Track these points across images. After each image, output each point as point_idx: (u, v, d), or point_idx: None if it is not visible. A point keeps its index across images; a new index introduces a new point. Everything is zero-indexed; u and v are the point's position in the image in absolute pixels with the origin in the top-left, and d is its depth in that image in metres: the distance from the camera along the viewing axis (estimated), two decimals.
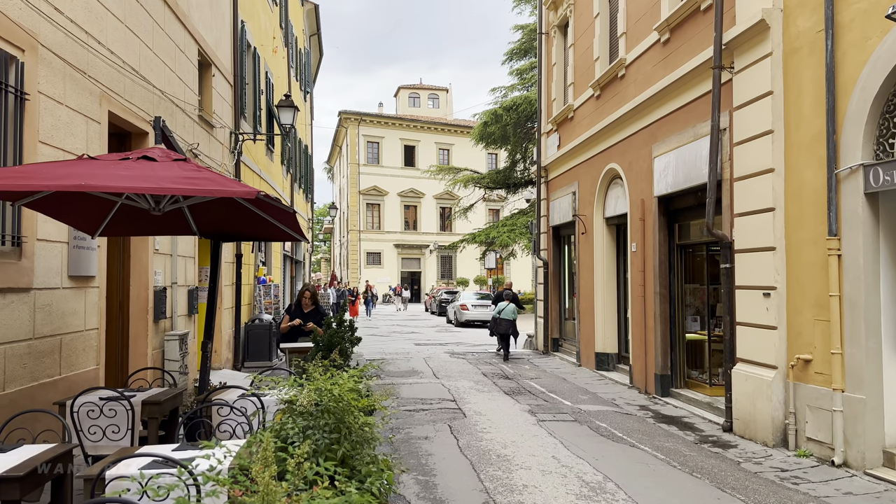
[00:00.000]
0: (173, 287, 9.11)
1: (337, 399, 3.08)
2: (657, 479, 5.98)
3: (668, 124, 9.76)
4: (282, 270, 20.44)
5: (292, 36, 21.80)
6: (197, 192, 4.16)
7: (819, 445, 6.59)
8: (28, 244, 5.43)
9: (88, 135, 6.50)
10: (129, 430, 4.83)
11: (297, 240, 6.05)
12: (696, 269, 10.03)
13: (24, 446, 3.59)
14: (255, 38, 14.79)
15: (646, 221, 10.45)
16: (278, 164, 18.71)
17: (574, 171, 14.24)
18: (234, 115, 12.83)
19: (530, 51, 26.83)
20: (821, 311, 6.63)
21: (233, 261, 12.52)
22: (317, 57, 31.94)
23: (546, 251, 16.23)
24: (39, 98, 5.57)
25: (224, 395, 5.23)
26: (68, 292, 6.13)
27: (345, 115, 51.18)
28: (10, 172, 4.08)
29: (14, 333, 5.26)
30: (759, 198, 7.41)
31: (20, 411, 4.32)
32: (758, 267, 7.43)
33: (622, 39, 11.53)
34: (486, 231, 31.05)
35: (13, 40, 5.17)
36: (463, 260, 49.49)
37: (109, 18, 6.96)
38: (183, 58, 9.52)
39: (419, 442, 7.22)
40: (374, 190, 50.78)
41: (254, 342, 13.17)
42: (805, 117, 6.88)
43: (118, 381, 7.50)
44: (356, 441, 3.02)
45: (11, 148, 5.21)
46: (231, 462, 2.73)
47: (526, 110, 25.03)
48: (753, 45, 7.56)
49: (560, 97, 15.42)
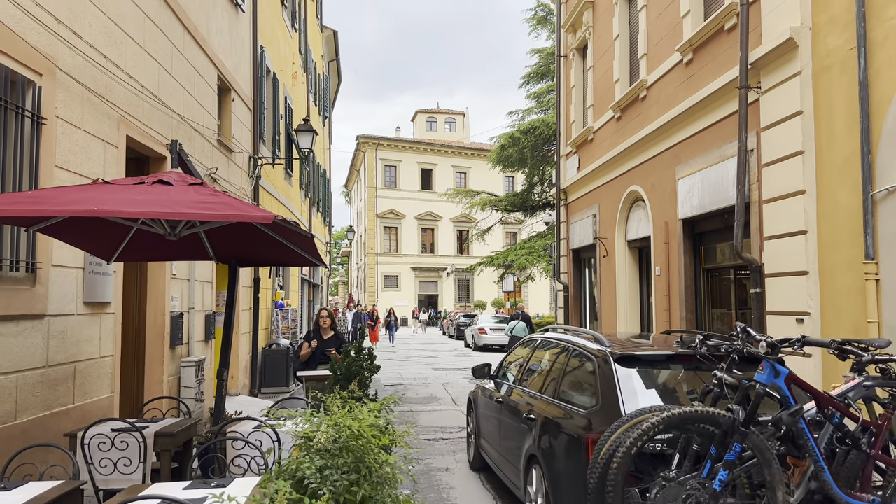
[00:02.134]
0: (190, 312, 9.00)
1: (356, 436, 2.90)
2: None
3: (692, 145, 9.57)
4: (299, 294, 20.36)
5: (311, 61, 21.96)
6: (212, 216, 4.05)
7: None
8: (43, 270, 5.34)
9: (106, 159, 6.44)
10: (141, 462, 4.67)
11: (315, 264, 5.92)
12: (724, 294, 9.77)
13: (30, 483, 3.44)
14: (274, 64, 14.85)
15: (670, 244, 10.22)
16: (297, 188, 18.71)
17: (594, 193, 14.06)
18: (253, 140, 12.83)
19: (547, 74, 26.82)
20: (858, 338, 6.35)
21: (250, 285, 12.44)
22: (335, 82, 32.19)
23: (566, 274, 16.00)
24: (57, 122, 5.51)
25: (239, 426, 5.07)
26: (83, 318, 6.03)
27: (362, 140, 51.50)
28: (23, 198, 3.99)
29: (27, 361, 5.15)
30: (789, 220, 7.18)
31: (28, 445, 4.18)
32: (790, 292, 7.17)
33: (643, 61, 11.40)
34: (504, 254, 30.80)
35: (31, 65, 5.12)
36: (480, 283, 49.29)
37: (129, 43, 6.95)
38: (202, 82, 9.51)
39: (440, 474, 6.99)
40: (391, 213, 50.88)
41: (271, 367, 13.03)
42: (837, 137, 6.67)
43: (133, 409, 7.37)
44: (377, 482, 2.84)
45: (28, 172, 5.14)
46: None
47: (543, 133, 24.94)
48: (781, 64, 7.38)
49: (579, 119, 15.30)
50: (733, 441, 3.69)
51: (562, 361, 5.42)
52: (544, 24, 26.85)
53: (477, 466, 7.11)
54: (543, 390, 5.40)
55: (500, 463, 6.07)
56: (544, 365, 5.88)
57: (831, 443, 3.99)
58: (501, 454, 6.00)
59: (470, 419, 7.56)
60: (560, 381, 5.21)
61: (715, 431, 3.76)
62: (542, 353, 6.16)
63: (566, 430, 4.50)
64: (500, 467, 6.12)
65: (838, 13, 6.69)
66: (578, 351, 5.17)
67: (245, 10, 12.23)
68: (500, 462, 6.06)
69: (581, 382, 4.93)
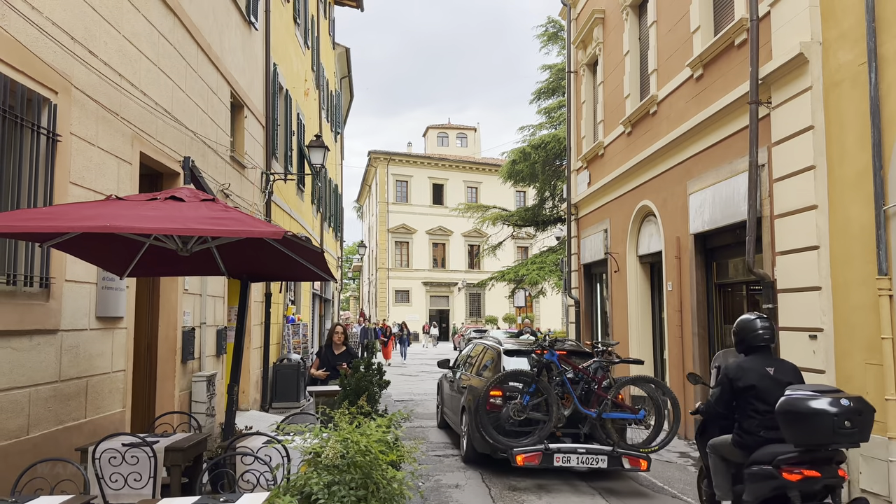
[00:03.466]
0: (202, 327, 9.04)
1: (364, 452, 2.90)
2: None
3: (703, 160, 9.56)
4: (311, 309, 20.40)
5: (324, 78, 22.15)
6: (224, 232, 4.08)
7: (875, 498, 6.18)
8: (56, 285, 5.39)
9: (120, 175, 6.51)
10: (152, 477, 4.68)
11: (325, 279, 5.95)
12: (736, 309, 9.69)
13: (41, 498, 3.45)
14: (287, 81, 14.99)
15: (682, 259, 10.17)
16: (308, 204, 18.82)
17: (605, 208, 14.04)
18: (266, 156, 12.93)
19: (558, 90, 26.89)
20: (872, 354, 6.29)
21: (262, 300, 12.48)
22: (347, 99, 32.42)
23: (577, 289, 15.95)
24: (71, 139, 5.59)
25: (249, 441, 5.07)
26: (96, 333, 6.07)
27: (374, 155, 51.75)
28: (37, 214, 4.05)
29: (40, 376, 5.19)
30: (801, 235, 7.14)
31: (40, 459, 4.20)
32: (802, 307, 7.12)
33: (653, 76, 11.42)
34: (515, 269, 30.72)
35: (47, 83, 5.21)
36: (491, 298, 49.18)
37: (143, 61, 7.05)
38: (215, 99, 9.62)
39: (449, 490, 6.95)
40: (402, 228, 50.98)
41: (282, 382, 13.03)
42: (849, 152, 6.64)
43: (144, 424, 7.39)
44: (384, 498, 2.83)
45: (42, 188, 5.21)
46: None
47: (554, 148, 24.97)
48: (792, 79, 7.37)
49: (590, 134, 15.32)
50: (532, 384, 7.37)
51: (482, 354, 9.39)
52: (555, 41, 26.97)
53: (441, 425, 10.94)
54: (472, 371, 9.30)
55: (450, 417, 9.97)
56: (475, 358, 9.69)
57: (582, 388, 7.58)
58: (451, 411, 9.83)
59: (438, 396, 11.42)
60: (480, 366, 9.12)
61: (527, 380, 7.44)
62: (475, 351, 9.92)
63: (478, 390, 7.87)
64: (450, 420, 9.98)
65: (848, 28, 6.69)
66: (490, 348, 9.17)
67: (258, 28, 12.37)
68: (450, 416, 9.95)
69: (488, 365, 8.77)
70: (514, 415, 7.23)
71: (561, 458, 7.00)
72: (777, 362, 5.07)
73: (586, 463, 7.06)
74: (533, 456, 6.97)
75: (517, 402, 7.26)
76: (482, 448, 7.82)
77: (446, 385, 10.43)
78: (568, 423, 7.39)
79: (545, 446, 6.99)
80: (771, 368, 4.89)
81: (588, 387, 7.53)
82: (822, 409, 4.18)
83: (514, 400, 7.33)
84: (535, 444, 7.03)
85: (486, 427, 7.22)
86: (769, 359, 5.00)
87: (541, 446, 6.99)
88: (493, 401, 7.47)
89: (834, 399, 4.21)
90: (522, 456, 6.97)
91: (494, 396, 7.49)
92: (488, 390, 7.41)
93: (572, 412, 7.34)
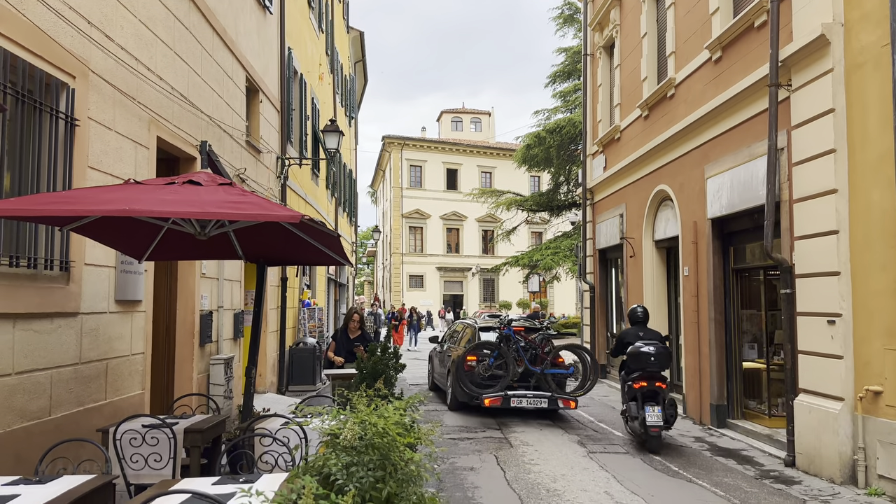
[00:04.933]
0: (219, 311, 9.12)
1: (382, 434, 2.92)
2: None
3: (721, 144, 9.46)
4: (326, 294, 20.51)
5: (338, 62, 22.10)
6: (241, 216, 4.10)
7: (892, 484, 6.16)
8: (76, 269, 5.45)
9: (137, 160, 6.55)
10: (171, 458, 4.75)
11: (342, 264, 5.97)
12: (753, 295, 9.64)
13: (64, 477, 3.51)
14: (301, 65, 14.98)
15: (698, 244, 10.10)
16: (323, 189, 18.85)
17: (621, 192, 13.95)
18: (281, 141, 12.95)
19: (573, 73, 26.65)
20: (891, 339, 6.24)
21: (278, 284, 12.56)
22: (361, 83, 32.33)
23: (592, 275, 15.91)
24: (89, 124, 5.63)
25: (267, 423, 5.12)
26: (115, 317, 6.14)
27: (388, 140, 51.66)
28: (57, 198, 4.08)
29: (61, 358, 5.26)
30: (821, 220, 7.06)
31: (63, 439, 4.27)
32: (821, 292, 7.06)
33: (671, 59, 11.29)
34: (529, 254, 30.64)
35: (65, 67, 5.24)
36: (505, 283, 49.13)
37: (159, 45, 7.06)
38: (231, 84, 9.63)
39: (464, 473, 6.99)
40: (416, 213, 50.95)
41: (298, 366, 13.14)
42: (870, 135, 6.55)
43: (163, 406, 7.49)
44: (402, 479, 2.85)
45: (61, 173, 5.26)
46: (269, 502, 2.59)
47: (570, 132, 24.79)
48: (812, 61, 7.26)
49: (606, 118, 15.20)
50: (496, 351, 9.91)
51: (463, 331, 12.36)
52: (571, 23, 26.71)
53: (431, 387, 13.26)
54: (455, 343, 12.06)
55: (438, 378, 12.57)
56: (457, 334, 12.59)
57: (531, 354, 10.08)
58: (439, 374, 12.44)
59: (429, 364, 14.10)
60: (461, 339, 11.94)
61: (492, 348, 9.95)
62: (457, 328, 13.01)
63: (460, 357, 10.25)
64: (438, 381, 12.57)
65: (871, 9, 6.57)
66: (468, 326, 12.32)
67: (273, 12, 12.35)
68: (438, 378, 12.55)
69: (467, 338, 11.56)
70: (483, 372, 9.95)
71: (515, 401, 9.75)
72: (646, 330, 8.80)
73: (533, 404, 9.83)
74: (496, 399, 9.72)
75: (485, 364, 9.99)
76: (462, 397, 10.34)
77: (435, 356, 13.21)
78: (521, 378, 10.04)
79: (504, 393, 9.74)
80: (641, 333, 8.72)
81: (535, 352, 10.18)
82: (643, 351, 8.19)
83: (483, 362, 10.01)
84: (497, 392, 9.76)
85: (465, 381, 9.95)
86: (642, 328, 8.83)
87: (501, 393, 9.74)
88: (469, 363, 10.08)
89: (647, 345, 8.26)
90: (489, 399, 9.73)
91: (470, 360, 10.11)
92: (465, 356, 10.11)
93: (524, 370, 9.99)
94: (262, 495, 2.42)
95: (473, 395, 9.88)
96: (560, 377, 10.29)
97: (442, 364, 12.17)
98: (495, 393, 9.71)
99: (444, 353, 12.17)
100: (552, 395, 9.84)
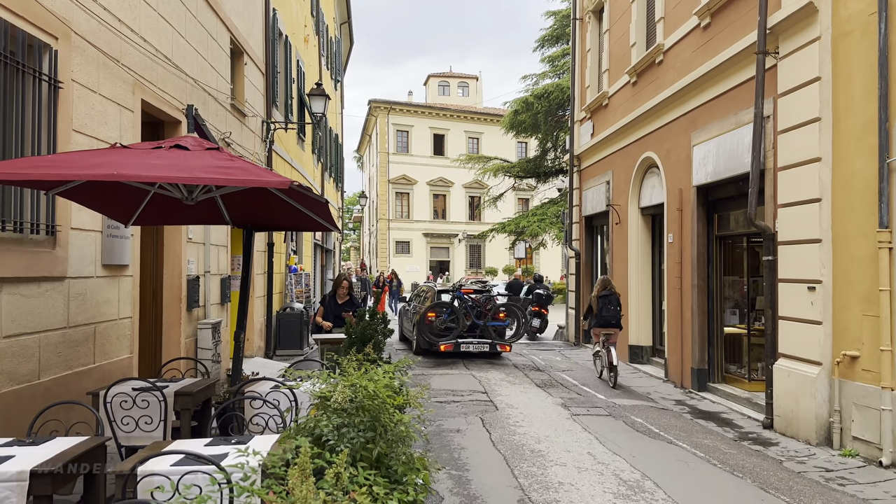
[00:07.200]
0: (206, 276, 9.13)
1: (372, 396, 2.99)
2: (697, 479, 5.82)
3: (708, 111, 9.49)
4: (313, 259, 20.49)
5: (323, 24, 21.75)
6: (229, 181, 4.10)
7: (866, 445, 6.36)
8: (62, 233, 5.43)
9: (122, 123, 6.49)
10: (162, 421, 4.81)
11: (329, 229, 5.98)
12: (736, 261, 9.77)
13: (56, 439, 3.56)
14: (286, 27, 14.74)
15: (683, 212, 10.19)
16: (309, 153, 18.71)
17: (608, 159, 13.99)
18: (266, 104, 12.81)
19: (562, 37, 26.39)
20: (869, 306, 6.38)
21: (265, 249, 12.55)
22: (347, 45, 31.86)
23: (578, 241, 16.01)
24: (73, 86, 5.55)
25: (257, 387, 5.19)
26: (102, 281, 6.14)
27: (374, 104, 51.12)
28: (43, 161, 4.06)
29: (49, 322, 5.28)
30: (804, 188, 7.15)
31: (54, 402, 4.31)
32: (802, 259, 7.18)
33: (660, 24, 11.24)
34: (516, 220, 30.67)
35: (47, 28, 5.15)
36: (492, 249, 49.27)
37: (142, 6, 6.94)
38: (215, 46, 9.49)
39: (451, 435, 7.13)
40: (403, 179, 50.73)
41: (285, 330, 13.21)
42: (855, 104, 6.60)
43: (151, 370, 7.53)
44: (392, 440, 2.93)
45: (46, 136, 5.21)
46: (264, 460, 2.65)
47: (558, 98, 24.65)
48: (800, 29, 7.27)
49: (594, 84, 15.14)
50: (449, 308, 12.86)
51: (426, 293, 14.86)
52: None
53: (400, 338, 16.06)
54: (419, 303, 14.52)
55: (406, 331, 15.27)
56: (422, 294, 15.44)
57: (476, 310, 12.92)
58: (407, 328, 15.01)
59: (398, 319, 17.20)
60: (424, 301, 14.23)
61: (447, 306, 12.95)
62: (422, 290, 15.95)
63: (422, 313, 13.00)
64: (405, 333, 15.30)
65: None
66: (431, 289, 14.93)
67: None
68: (406, 331, 15.16)
69: (428, 299, 13.98)
70: (440, 325, 12.68)
71: (464, 346, 12.63)
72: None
73: (478, 348, 12.76)
74: (449, 345, 12.53)
75: (442, 318, 12.74)
76: (423, 345, 12.90)
77: (404, 314, 16.03)
78: (469, 329, 12.81)
79: (456, 341, 12.57)
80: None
81: (480, 309, 12.92)
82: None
83: (440, 317, 12.74)
84: (450, 340, 12.56)
85: (425, 332, 12.68)
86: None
87: (453, 340, 12.55)
88: (429, 318, 12.78)
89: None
90: (444, 345, 12.50)
91: (430, 316, 12.80)
92: (426, 312, 12.89)
93: (471, 323, 12.77)
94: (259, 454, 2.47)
95: (432, 342, 12.57)
96: (500, 328, 13.07)
97: (409, 320, 14.81)
98: (448, 340, 12.54)
99: (412, 311, 14.74)
100: (492, 341, 12.76)
